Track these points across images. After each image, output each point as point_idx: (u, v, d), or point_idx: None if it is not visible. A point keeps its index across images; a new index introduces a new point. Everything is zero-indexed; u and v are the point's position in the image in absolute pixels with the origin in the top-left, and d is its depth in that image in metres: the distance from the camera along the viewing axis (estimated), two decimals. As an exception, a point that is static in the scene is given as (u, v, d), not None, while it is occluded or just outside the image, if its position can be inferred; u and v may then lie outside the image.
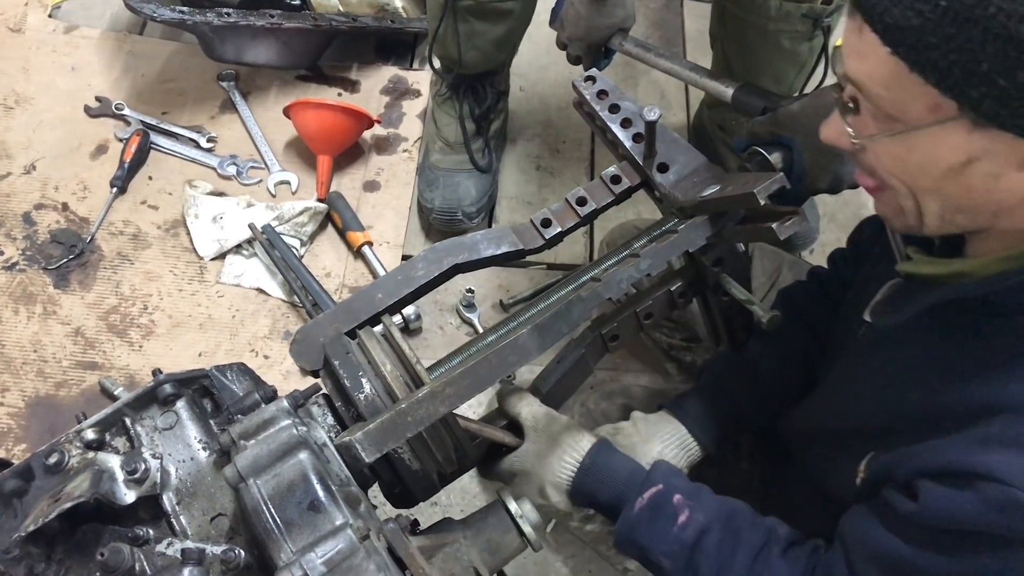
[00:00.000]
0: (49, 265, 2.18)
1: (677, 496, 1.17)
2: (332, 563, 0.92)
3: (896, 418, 1.06)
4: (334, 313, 1.22)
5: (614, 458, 1.23)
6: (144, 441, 1.10)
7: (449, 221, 2.20)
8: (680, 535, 1.15)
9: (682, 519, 1.16)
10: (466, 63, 2.09)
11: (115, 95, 2.48)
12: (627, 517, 1.19)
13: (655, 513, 1.17)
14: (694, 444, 1.33)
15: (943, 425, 0.97)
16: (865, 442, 1.10)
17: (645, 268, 1.20)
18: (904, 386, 1.06)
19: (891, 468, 1.02)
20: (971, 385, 0.96)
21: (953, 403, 0.97)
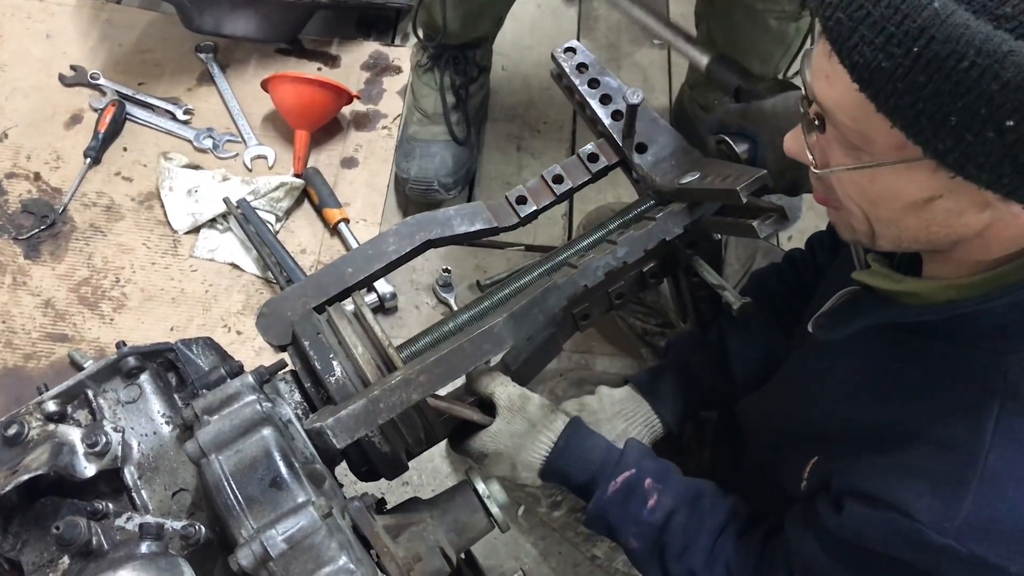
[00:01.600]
0: (20, 235, 2.14)
1: (648, 480, 1.19)
2: (293, 540, 0.91)
3: (836, 428, 1.08)
4: (303, 287, 1.20)
5: (587, 439, 1.23)
6: (106, 414, 1.09)
7: (425, 191, 2.18)
8: (649, 518, 1.18)
9: (651, 503, 1.18)
10: (450, 31, 2.07)
11: (91, 64, 2.43)
12: (600, 500, 1.20)
13: (627, 497, 1.19)
14: (657, 422, 1.35)
15: (874, 444, 0.99)
16: (809, 445, 1.12)
17: (622, 256, 1.20)
18: (843, 398, 1.07)
19: (827, 480, 1.05)
20: (901, 409, 0.97)
21: (883, 423, 0.99)
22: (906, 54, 0.72)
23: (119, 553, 0.91)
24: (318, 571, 0.92)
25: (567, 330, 1.31)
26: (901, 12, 0.72)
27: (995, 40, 0.68)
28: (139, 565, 0.86)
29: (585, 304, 1.27)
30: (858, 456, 1.01)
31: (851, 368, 1.07)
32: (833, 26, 0.77)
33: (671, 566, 1.18)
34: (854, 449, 1.02)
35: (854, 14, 0.75)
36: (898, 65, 0.73)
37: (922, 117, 0.74)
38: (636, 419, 1.33)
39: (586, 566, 1.81)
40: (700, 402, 1.41)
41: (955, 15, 0.70)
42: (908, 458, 0.94)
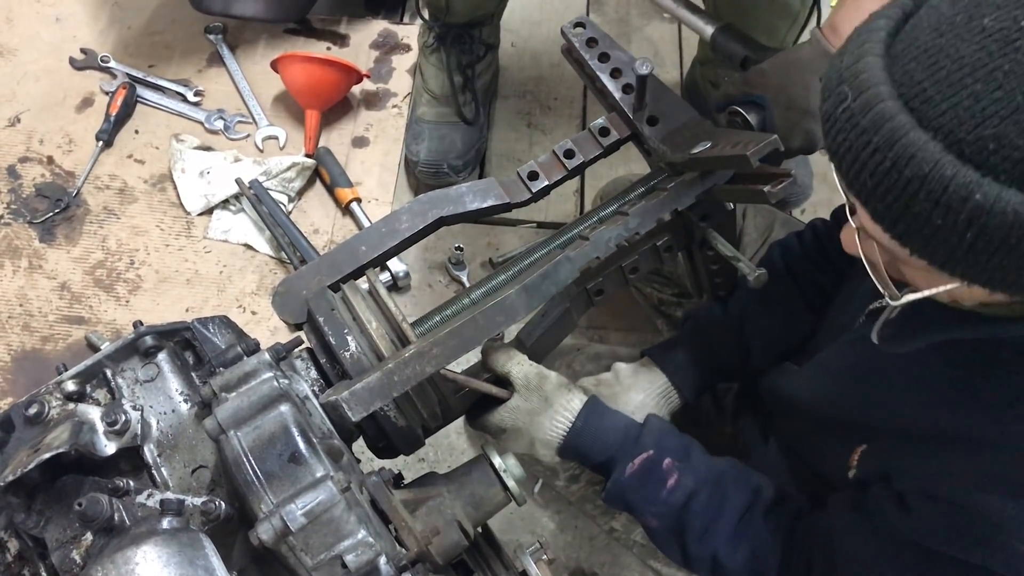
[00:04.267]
0: (34, 219, 2.16)
1: (667, 460, 1.18)
2: (312, 514, 0.92)
3: (896, 426, 1.06)
4: (317, 265, 1.21)
5: (605, 418, 1.22)
6: (125, 393, 1.10)
7: (435, 174, 2.18)
8: (668, 498, 1.17)
9: (671, 483, 1.17)
10: (454, 10, 2.06)
11: (101, 47, 2.44)
12: (618, 481, 1.20)
13: (645, 477, 1.18)
14: (674, 393, 1.35)
15: (947, 448, 0.97)
16: (857, 434, 1.10)
17: (634, 227, 1.19)
18: (908, 400, 1.05)
19: (888, 476, 1.03)
20: (976, 417, 0.95)
21: (957, 429, 0.97)
22: (960, 240, 0.72)
23: (141, 529, 0.92)
24: (337, 544, 0.93)
25: (581, 306, 1.31)
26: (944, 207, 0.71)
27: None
28: (161, 540, 0.87)
29: (599, 279, 1.27)
30: (926, 457, 0.99)
31: (918, 373, 1.04)
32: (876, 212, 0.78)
33: (692, 548, 1.17)
34: (921, 450, 1.00)
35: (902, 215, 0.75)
36: (953, 248, 0.73)
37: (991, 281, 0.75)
38: (652, 391, 1.33)
39: (603, 539, 1.82)
40: (718, 374, 1.40)
41: (1002, 200, 0.68)
42: (987, 465, 0.93)
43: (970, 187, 0.69)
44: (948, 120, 0.70)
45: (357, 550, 0.93)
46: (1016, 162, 0.68)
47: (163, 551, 0.86)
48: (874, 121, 0.74)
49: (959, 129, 0.69)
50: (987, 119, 0.68)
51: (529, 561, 1.07)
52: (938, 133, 0.71)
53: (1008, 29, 0.68)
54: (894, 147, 0.72)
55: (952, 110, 0.70)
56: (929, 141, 0.71)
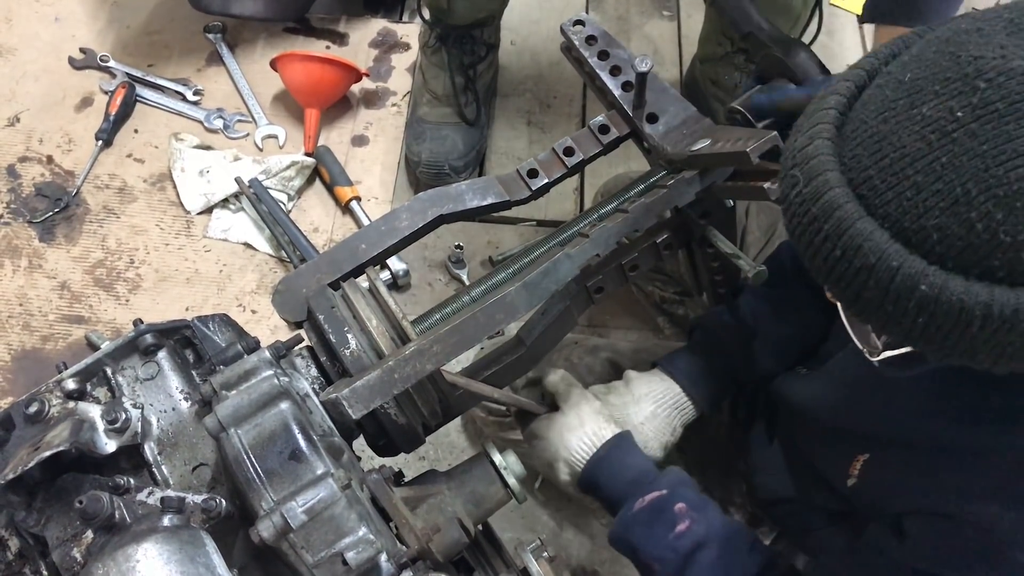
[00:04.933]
0: (34, 218, 2.16)
1: (680, 504, 1.16)
2: (313, 512, 0.92)
3: (899, 438, 1.06)
4: (317, 264, 1.21)
5: (628, 455, 1.22)
6: (125, 391, 1.10)
7: (436, 175, 2.18)
8: (675, 543, 1.14)
9: (681, 528, 1.14)
10: (455, 12, 2.06)
11: (100, 47, 2.44)
12: (624, 516, 1.18)
13: (654, 517, 1.16)
14: (688, 403, 1.33)
15: (947, 461, 0.97)
16: (860, 442, 1.10)
17: (633, 224, 1.19)
18: (903, 408, 1.05)
19: (885, 494, 1.04)
20: (977, 429, 0.95)
21: (958, 442, 0.97)
22: (917, 325, 0.72)
23: (142, 526, 0.92)
24: (338, 542, 0.93)
25: (581, 304, 1.31)
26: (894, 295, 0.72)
27: (998, 303, 0.68)
28: (162, 538, 0.87)
29: (599, 277, 1.27)
30: (925, 471, 0.99)
31: (918, 385, 1.04)
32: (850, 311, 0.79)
33: None
34: (920, 463, 1.00)
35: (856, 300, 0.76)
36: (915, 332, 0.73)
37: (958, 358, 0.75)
38: (665, 401, 1.31)
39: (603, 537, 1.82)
40: (733, 382, 1.38)
41: (948, 289, 0.69)
42: (986, 476, 0.93)
43: (916, 277, 0.69)
44: (893, 209, 0.70)
45: (358, 547, 0.93)
46: (960, 251, 0.68)
47: (164, 548, 0.86)
48: (824, 209, 0.74)
49: (904, 219, 0.70)
50: (929, 210, 0.68)
51: (530, 558, 1.07)
52: (885, 221, 0.71)
53: (945, 120, 0.68)
54: (843, 236, 0.73)
55: (896, 200, 0.70)
56: (876, 230, 0.71)
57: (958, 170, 0.67)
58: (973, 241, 0.67)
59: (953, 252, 0.68)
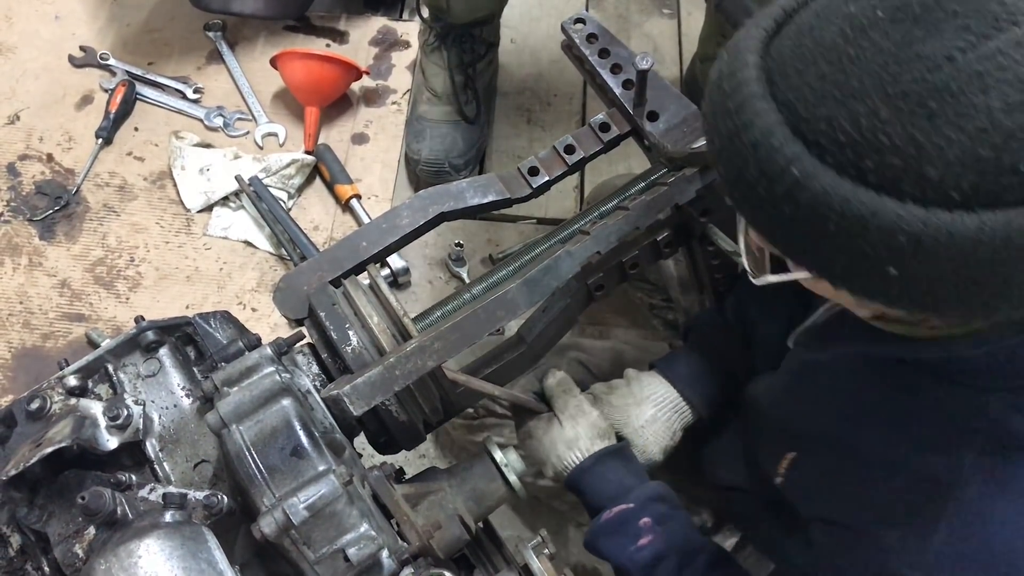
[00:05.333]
0: (34, 217, 2.16)
1: (645, 519, 1.19)
2: (314, 508, 0.92)
3: (818, 436, 1.07)
4: (318, 261, 1.21)
5: (612, 470, 1.23)
6: (127, 388, 1.10)
7: (436, 173, 2.18)
8: (635, 555, 1.18)
9: (642, 542, 1.18)
10: (454, 12, 2.06)
11: (100, 45, 2.44)
12: (594, 525, 1.22)
13: (618, 528, 1.20)
14: (686, 407, 1.33)
15: (853, 465, 0.99)
16: (789, 440, 1.12)
17: (634, 221, 1.20)
18: (828, 410, 1.06)
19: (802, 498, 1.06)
20: (883, 436, 0.96)
21: (864, 446, 0.98)
22: (781, 214, 0.73)
23: (144, 522, 0.92)
24: (340, 538, 0.94)
25: (582, 301, 1.31)
26: (768, 177, 0.72)
27: (856, 202, 0.67)
28: (164, 533, 0.87)
29: (599, 274, 1.27)
30: (835, 478, 1.01)
31: (838, 383, 1.05)
32: (723, 175, 0.79)
33: None
34: (832, 466, 1.02)
35: (733, 171, 0.76)
36: (776, 222, 0.74)
37: (812, 264, 0.75)
38: (665, 405, 1.31)
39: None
40: (730, 383, 1.37)
41: (816, 179, 0.69)
42: (884, 488, 0.94)
43: (791, 160, 0.70)
44: (793, 96, 0.71)
45: (359, 544, 0.93)
46: (840, 145, 0.68)
47: (166, 544, 0.86)
48: (733, 86, 0.75)
49: (799, 105, 0.70)
50: (824, 100, 0.69)
51: (531, 555, 1.07)
52: (784, 107, 0.71)
53: (866, 16, 0.69)
54: (741, 113, 0.73)
55: (799, 86, 0.71)
56: (772, 111, 0.72)
57: (861, 64, 0.68)
58: (854, 137, 0.67)
59: (833, 146, 0.68)
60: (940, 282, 0.68)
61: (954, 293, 0.69)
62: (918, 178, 0.65)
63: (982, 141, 0.63)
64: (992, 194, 0.64)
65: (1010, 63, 0.63)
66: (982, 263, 0.65)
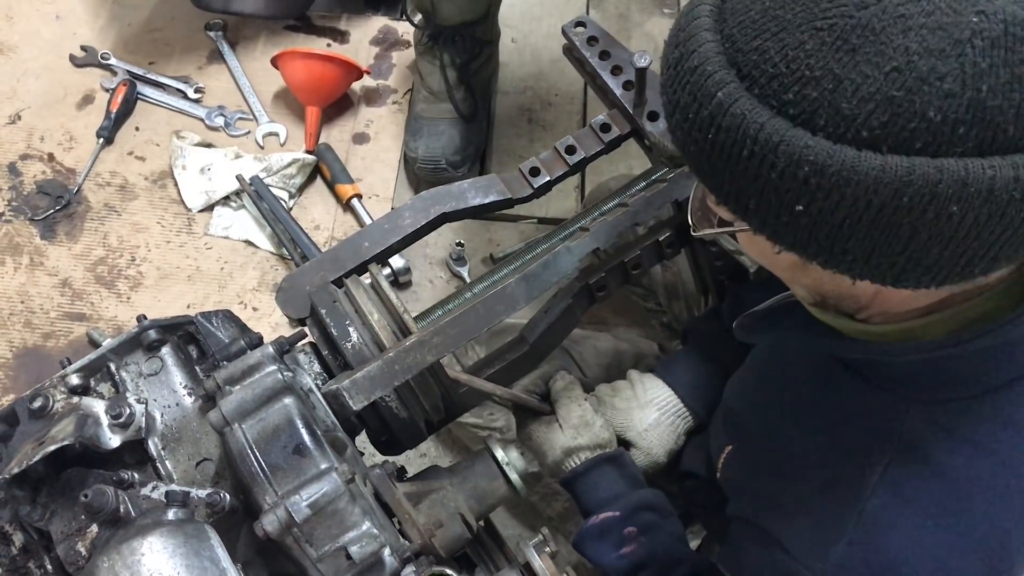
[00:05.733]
0: (35, 216, 2.16)
1: (630, 528, 1.19)
2: (317, 506, 0.92)
3: (753, 429, 1.08)
4: (320, 262, 1.21)
5: (605, 477, 1.24)
6: (129, 386, 1.10)
7: (433, 170, 2.18)
8: (616, 563, 1.19)
9: (625, 550, 1.19)
10: (441, 15, 2.06)
11: (101, 44, 2.44)
12: (581, 529, 1.22)
13: (601, 535, 1.21)
14: (688, 412, 1.33)
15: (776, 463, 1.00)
16: (728, 432, 1.13)
17: (634, 217, 1.20)
18: (766, 402, 1.07)
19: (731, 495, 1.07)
20: (807, 434, 0.97)
21: (789, 443, 0.99)
22: (704, 139, 0.73)
23: (147, 520, 0.93)
24: (342, 536, 0.94)
25: (583, 302, 1.32)
26: (697, 101, 0.73)
27: (769, 129, 0.68)
28: (167, 531, 0.88)
29: (601, 275, 1.27)
30: (758, 472, 1.02)
31: (776, 376, 1.06)
32: (664, 105, 0.79)
33: None
34: (758, 461, 1.03)
35: (672, 97, 0.77)
36: (701, 150, 0.74)
37: (730, 198, 0.75)
38: (668, 410, 1.32)
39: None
40: None
41: (737, 104, 0.69)
42: (798, 490, 0.94)
43: (720, 87, 0.70)
44: (738, 29, 0.71)
45: (361, 541, 0.94)
46: (768, 77, 0.68)
47: (169, 542, 0.86)
48: (687, 21, 0.76)
49: (740, 37, 0.71)
50: (761, 32, 0.69)
51: (532, 553, 1.07)
52: (726, 39, 0.72)
53: None
54: (689, 43, 0.74)
55: (744, 20, 0.71)
56: (715, 43, 0.72)
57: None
58: (780, 68, 0.67)
59: (763, 77, 0.69)
60: (845, 225, 0.68)
61: (858, 241, 0.69)
62: (833, 112, 0.65)
63: (895, 81, 0.63)
64: (900, 138, 0.64)
65: (934, 9, 0.63)
66: (885, 208, 0.65)
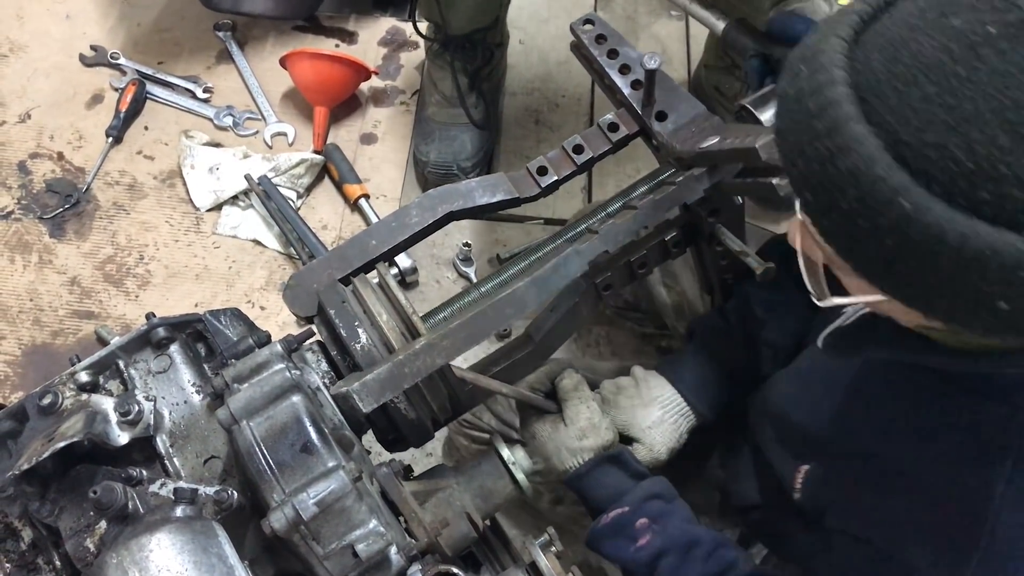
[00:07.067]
0: (45, 214, 2.17)
1: (642, 520, 1.19)
2: (324, 504, 0.92)
3: (839, 447, 1.05)
4: (327, 259, 1.21)
5: (609, 475, 1.24)
6: (137, 384, 1.11)
7: (444, 175, 2.18)
8: (636, 556, 1.18)
9: (641, 542, 1.18)
10: (452, 26, 2.06)
11: (111, 44, 2.45)
12: (593, 528, 1.22)
13: (615, 532, 1.20)
14: (691, 411, 1.33)
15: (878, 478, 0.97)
16: (805, 450, 1.10)
17: (642, 220, 1.20)
18: (851, 418, 1.03)
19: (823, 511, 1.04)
20: (910, 448, 0.94)
21: (891, 459, 0.96)
22: (881, 245, 0.68)
23: (155, 517, 0.93)
24: (349, 534, 0.94)
25: (590, 301, 1.32)
26: (868, 207, 0.67)
27: (973, 237, 0.62)
28: (175, 528, 0.88)
29: (607, 274, 1.27)
30: (858, 492, 0.98)
31: (865, 390, 1.02)
32: (806, 204, 0.74)
33: None
34: (855, 478, 0.99)
35: (822, 198, 0.71)
36: (873, 256, 0.70)
37: (911, 299, 0.71)
38: (671, 408, 1.32)
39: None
40: (735, 386, 1.36)
41: (928, 212, 0.64)
42: (913, 505, 0.91)
43: (899, 192, 0.64)
44: (894, 119, 0.65)
45: (368, 539, 0.94)
46: (952, 175, 0.63)
47: (177, 538, 0.87)
48: (820, 105, 0.69)
49: (902, 130, 0.65)
50: (931, 124, 0.63)
51: (538, 552, 1.08)
52: (882, 130, 0.66)
53: (974, 33, 0.63)
54: (834, 137, 0.67)
55: (900, 108, 0.65)
56: (870, 136, 0.66)
57: (975, 87, 0.62)
58: (969, 166, 0.62)
59: (944, 175, 0.63)
60: None
61: None
62: None
63: None
64: None
65: None
66: None
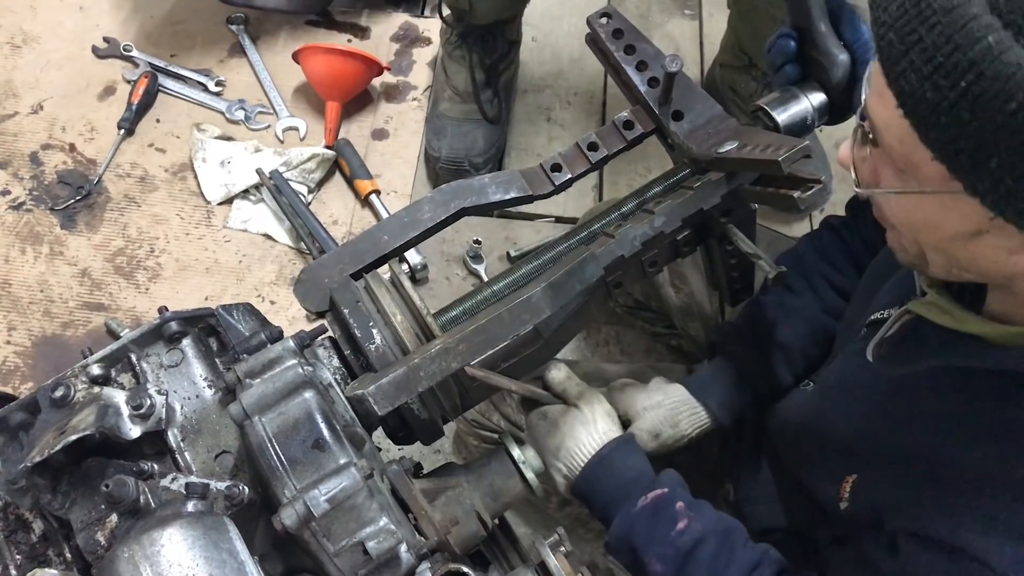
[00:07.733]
0: (56, 206, 2.17)
1: (679, 503, 1.16)
2: (335, 500, 0.92)
3: (889, 455, 1.02)
4: (339, 254, 1.21)
5: (630, 457, 1.22)
6: (149, 377, 1.10)
7: (456, 171, 2.18)
8: (676, 540, 1.14)
9: (681, 525, 1.14)
10: (477, 13, 2.06)
11: (123, 36, 2.45)
12: (627, 514, 1.17)
13: (655, 514, 1.16)
14: (700, 408, 1.31)
15: (940, 482, 0.94)
16: (849, 461, 1.07)
17: (659, 225, 1.19)
18: (902, 426, 1.02)
19: (879, 514, 1.00)
20: (973, 450, 0.91)
21: (951, 462, 0.93)
22: (952, 87, 0.68)
23: (167, 511, 0.93)
24: (359, 531, 0.94)
25: (599, 298, 1.31)
26: (953, 42, 0.67)
27: None
28: (187, 523, 0.88)
29: (618, 272, 1.27)
30: (919, 492, 0.95)
31: (916, 397, 1.00)
32: (884, 47, 0.74)
33: None
34: (912, 483, 0.97)
35: (906, 38, 0.71)
36: (943, 98, 0.69)
37: (963, 155, 0.71)
38: (675, 397, 1.31)
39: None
40: (752, 392, 1.35)
41: (1009, 52, 0.65)
42: (983, 504, 0.89)
43: (987, 29, 0.66)
44: None
45: (379, 537, 0.94)
46: None
47: (188, 533, 0.87)
48: None
49: None
50: None
51: (547, 552, 1.07)
52: None
53: None
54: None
55: None
56: None
57: None
58: None
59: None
60: None
61: None
62: None
63: None
64: None
65: None
66: None
